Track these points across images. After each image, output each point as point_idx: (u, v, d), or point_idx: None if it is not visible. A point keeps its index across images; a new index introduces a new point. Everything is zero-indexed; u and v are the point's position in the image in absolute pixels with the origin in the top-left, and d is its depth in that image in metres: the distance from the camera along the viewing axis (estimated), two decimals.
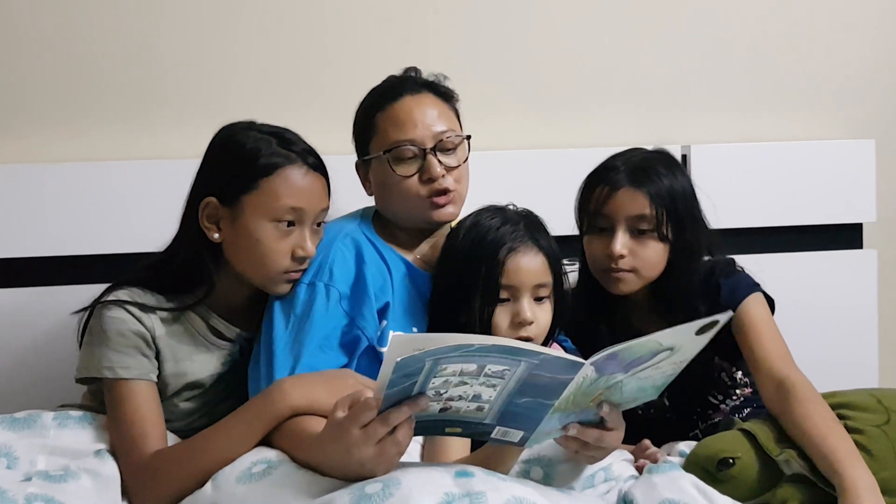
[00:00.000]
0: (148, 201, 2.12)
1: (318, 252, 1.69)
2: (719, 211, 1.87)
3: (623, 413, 1.45)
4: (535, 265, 1.63)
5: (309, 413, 1.49)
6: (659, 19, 2.42)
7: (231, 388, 1.72)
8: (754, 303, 1.76)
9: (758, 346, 1.73)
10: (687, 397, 1.82)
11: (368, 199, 1.83)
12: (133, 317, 1.63)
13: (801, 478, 1.60)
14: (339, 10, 2.29)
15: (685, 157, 2.34)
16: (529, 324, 1.62)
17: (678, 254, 1.76)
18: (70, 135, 2.20)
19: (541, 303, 1.65)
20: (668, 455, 1.72)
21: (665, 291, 1.78)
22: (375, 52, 2.28)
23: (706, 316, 1.42)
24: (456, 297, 1.65)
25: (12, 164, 2.14)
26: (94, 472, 1.58)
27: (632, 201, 1.73)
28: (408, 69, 1.82)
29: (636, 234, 1.74)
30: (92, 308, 1.67)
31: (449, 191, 1.73)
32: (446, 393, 1.27)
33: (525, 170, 2.27)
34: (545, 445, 1.51)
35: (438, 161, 1.72)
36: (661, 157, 1.80)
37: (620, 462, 1.64)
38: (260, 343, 1.68)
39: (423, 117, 1.72)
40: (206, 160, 1.71)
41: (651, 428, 1.79)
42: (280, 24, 2.27)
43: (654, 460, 1.67)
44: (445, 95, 1.79)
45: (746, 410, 1.85)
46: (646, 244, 1.74)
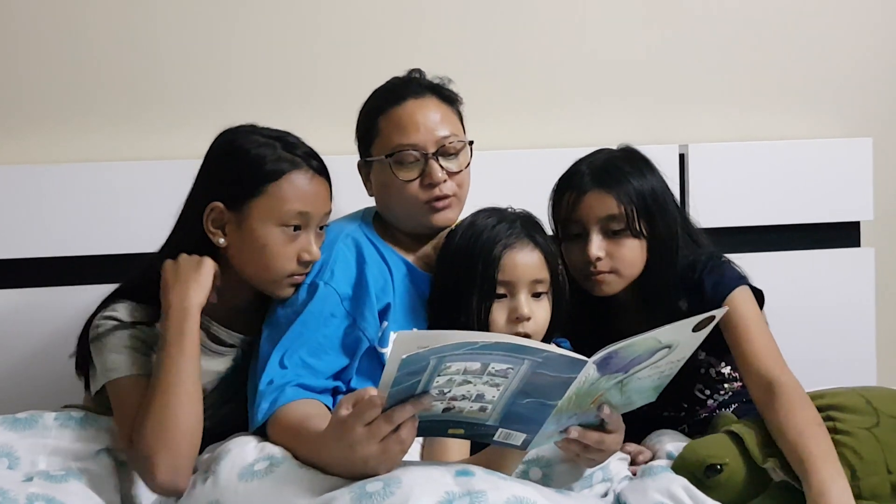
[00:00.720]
0: (147, 202, 2.12)
1: (320, 253, 1.69)
2: (717, 210, 1.88)
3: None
4: (531, 261, 1.64)
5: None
6: (657, 19, 2.43)
7: (234, 390, 1.71)
8: (740, 297, 1.73)
9: (746, 344, 1.70)
10: (671, 391, 1.81)
11: (369, 200, 1.83)
12: (129, 332, 1.64)
13: (789, 485, 1.57)
14: (336, 9, 2.29)
15: (683, 155, 2.34)
16: (527, 319, 1.62)
17: (655, 249, 1.75)
18: (69, 136, 2.20)
19: (538, 299, 1.65)
20: (656, 455, 1.72)
21: (646, 288, 1.77)
22: (373, 52, 2.28)
23: (688, 313, 1.43)
24: (454, 295, 1.65)
25: (11, 166, 2.14)
26: (95, 473, 1.59)
27: (600, 203, 1.72)
28: (412, 71, 1.80)
29: (610, 235, 1.73)
30: (88, 323, 1.68)
31: (449, 196, 1.73)
32: (450, 392, 1.27)
33: (523, 169, 2.27)
34: (545, 446, 1.52)
35: (440, 166, 1.71)
36: (625, 156, 1.79)
37: (617, 461, 1.65)
38: (260, 343, 1.67)
39: (426, 121, 1.71)
40: (207, 164, 1.70)
41: (636, 421, 1.77)
42: (279, 24, 2.27)
43: (639, 462, 1.69)
44: (449, 99, 1.78)
45: (734, 405, 1.85)
46: (621, 243, 1.73)
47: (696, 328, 1.35)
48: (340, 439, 1.31)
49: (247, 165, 1.64)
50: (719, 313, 1.35)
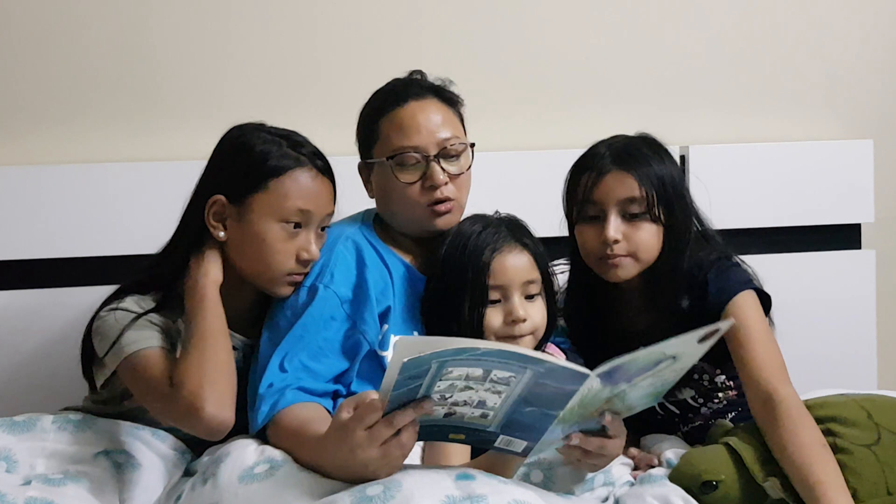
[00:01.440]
0: (145, 203, 2.12)
1: (321, 255, 1.69)
2: (718, 211, 1.87)
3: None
4: (520, 263, 1.63)
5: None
6: (657, 20, 2.43)
7: (237, 393, 1.71)
8: (744, 302, 1.68)
9: (747, 353, 1.65)
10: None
11: (369, 202, 1.82)
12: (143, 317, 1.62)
13: (786, 503, 1.56)
14: (336, 10, 2.29)
15: (684, 157, 2.34)
16: (523, 321, 1.61)
17: (669, 238, 1.71)
18: (67, 137, 2.20)
19: (532, 300, 1.64)
20: (657, 462, 1.71)
21: (653, 278, 1.73)
22: (374, 53, 2.28)
23: (689, 312, 1.41)
24: (445, 303, 1.64)
25: (9, 167, 2.13)
26: (93, 476, 1.59)
27: (621, 184, 1.68)
28: (413, 72, 1.80)
29: (628, 217, 1.69)
30: (98, 312, 1.66)
31: (450, 199, 1.72)
32: (451, 398, 1.27)
33: (522, 171, 2.27)
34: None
35: (441, 168, 1.71)
36: (645, 141, 1.76)
37: (619, 466, 1.65)
38: (260, 346, 1.67)
39: (428, 123, 1.71)
40: (214, 159, 1.71)
41: (634, 425, 1.76)
42: (279, 25, 2.26)
43: (644, 469, 1.69)
44: (450, 101, 1.77)
45: (731, 414, 1.82)
46: (639, 227, 1.69)
47: (702, 340, 1.33)
48: (341, 443, 1.30)
49: (251, 160, 1.64)
50: (724, 326, 1.31)
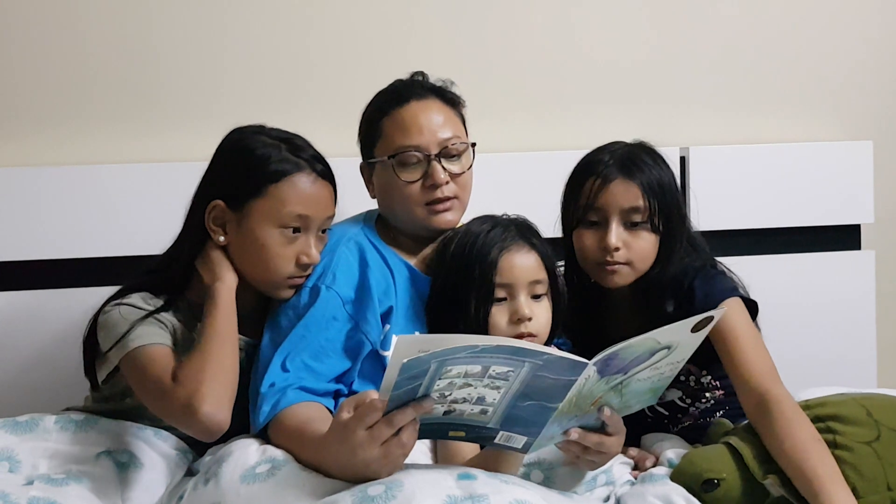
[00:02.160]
0: (145, 204, 2.12)
1: (322, 256, 1.69)
2: (718, 213, 1.87)
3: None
4: (528, 262, 1.64)
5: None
6: (658, 22, 2.43)
7: (238, 394, 1.71)
8: (731, 308, 1.69)
9: (737, 357, 1.67)
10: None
11: (371, 202, 1.83)
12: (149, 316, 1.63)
13: (787, 500, 1.56)
14: (337, 11, 2.29)
15: (684, 158, 2.34)
16: (528, 320, 1.62)
17: (663, 246, 1.74)
18: (68, 138, 2.20)
19: (538, 300, 1.65)
20: (658, 462, 1.71)
21: (643, 285, 1.75)
22: (375, 54, 2.28)
23: (674, 317, 1.42)
24: (451, 302, 1.65)
25: (8, 168, 2.13)
26: (95, 476, 1.59)
27: (625, 193, 1.71)
28: (415, 73, 1.81)
29: (629, 226, 1.72)
30: (103, 307, 1.66)
31: (450, 198, 1.73)
32: (451, 395, 1.27)
33: (522, 172, 2.27)
34: (546, 449, 1.51)
35: (442, 168, 1.72)
36: (643, 149, 1.78)
37: (620, 465, 1.65)
38: (261, 346, 1.67)
39: (429, 123, 1.72)
40: (214, 163, 1.71)
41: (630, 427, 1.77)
42: (280, 26, 2.26)
43: (644, 468, 1.69)
44: (452, 101, 1.78)
45: (719, 413, 1.83)
46: (639, 236, 1.72)
47: (695, 329, 1.35)
48: (342, 442, 1.31)
49: (250, 165, 1.64)
50: (718, 314, 1.36)
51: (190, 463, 1.66)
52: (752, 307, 1.77)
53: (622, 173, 1.72)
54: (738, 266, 1.85)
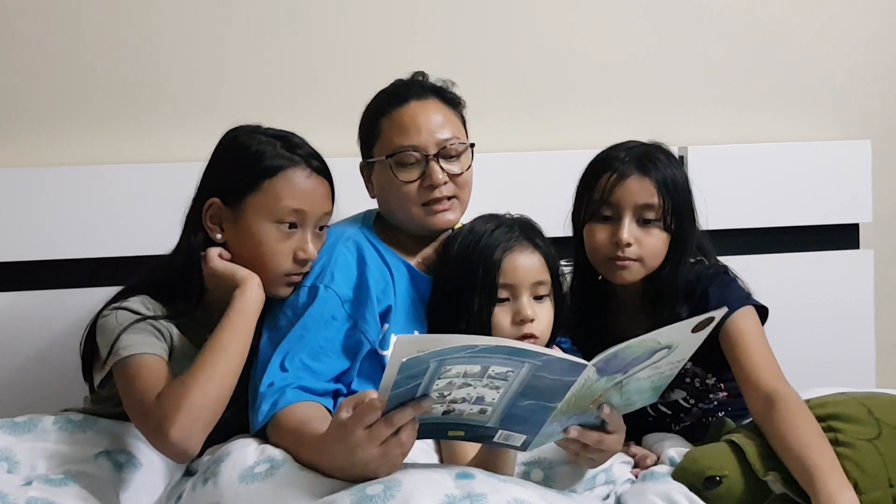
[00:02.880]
0: (145, 205, 2.12)
1: (321, 255, 1.70)
2: (717, 212, 1.88)
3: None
4: (532, 263, 1.64)
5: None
6: (657, 21, 2.43)
7: (237, 394, 1.71)
8: (743, 317, 1.73)
9: (746, 360, 1.69)
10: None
11: (370, 202, 1.83)
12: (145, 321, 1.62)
13: (789, 497, 1.57)
14: (337, 12, 2.29)
15: (682, 157, 2.34)
16: (531, 321, 1.62)
17: (674, 246, 1.76)
18: (67, 138, 2.20)
19: (541, 301, 1.65)
20: (659, 460, 1.72)
21: (654, 286, 1.77)
22: (374, 54, 2.28)
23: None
24: (454, 301, 1.65)
25: (9, 168, 2.13)
26: (94, 477, 1.59)
27: (641, 189, 1.72)
28: (415, 73, 1.81)
29: (641, 223, 1.73)
30: (102, 310, 1.66)
31: (448, 198, 1.73)
32: (450, 395, 1.28)
33: (522, 172, 2.27)
34: (546, 447, 1.52)
35: (441, 168, 1.72)
36: (659, 148, 1.80)
37: (620, 464, 1.65)
38: (260, 346, 1.67)
39: (428, 123, 1.72)
40: (211, 162, 1.72)
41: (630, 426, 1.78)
42: (280, 26, 2.26)
43: (645, 466, 1.69)
44: (452, 102, 1.78)
45: (721, 413, 1.84)
46: (651, 233, 1.73)
47: (696, 329, 1.35)
48: (341, 442, 1.31)
49: (245, 161, 1.65)
50: (718, 314, 1.36)
51: (188, 463, 1.66)
52: (763, 313, 1.79)
53: (638, 170, 1.73)
54: (737, 265, 1.86)
